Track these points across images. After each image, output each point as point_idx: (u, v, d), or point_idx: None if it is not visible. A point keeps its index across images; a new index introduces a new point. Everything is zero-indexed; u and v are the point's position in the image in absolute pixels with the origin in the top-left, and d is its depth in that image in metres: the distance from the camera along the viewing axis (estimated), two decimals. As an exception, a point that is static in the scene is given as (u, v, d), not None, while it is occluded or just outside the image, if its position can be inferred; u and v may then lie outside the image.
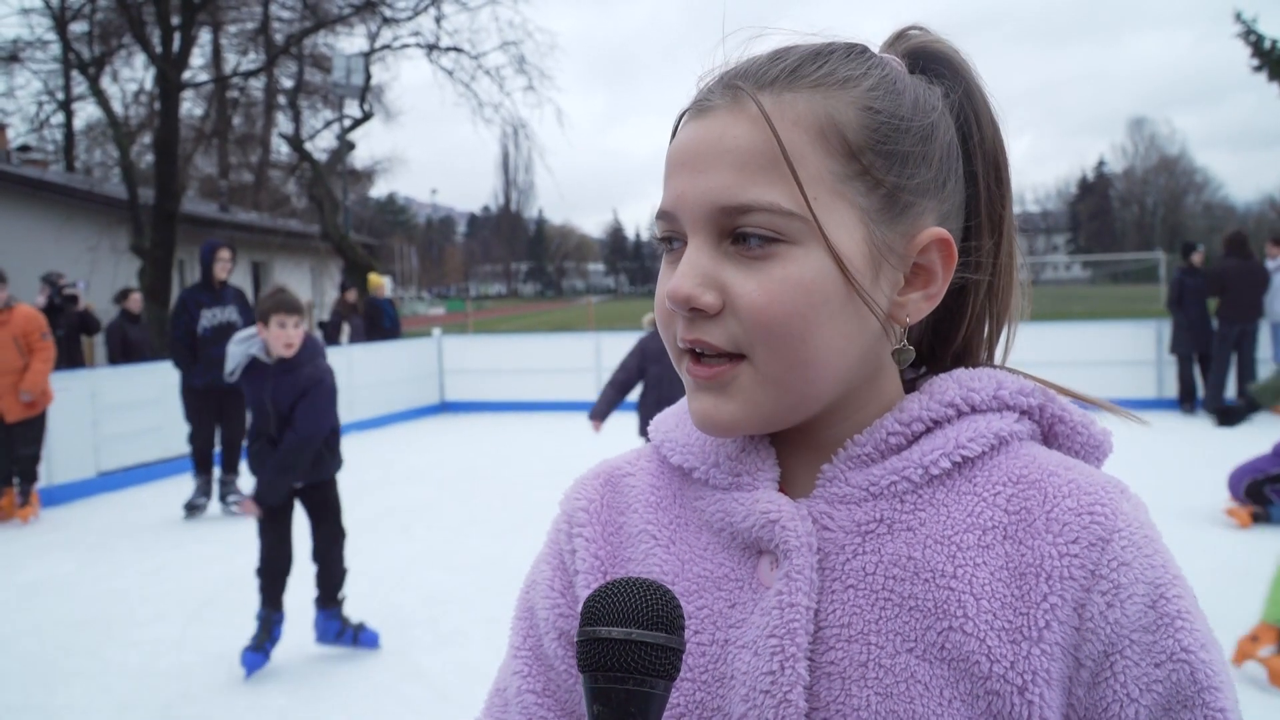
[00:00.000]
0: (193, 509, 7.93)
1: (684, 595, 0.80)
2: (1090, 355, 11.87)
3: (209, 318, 7.82)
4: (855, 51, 0.77)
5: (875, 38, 0.83)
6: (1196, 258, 11.42)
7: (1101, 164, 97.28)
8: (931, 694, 0.70)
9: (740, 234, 0.72)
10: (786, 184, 0.71)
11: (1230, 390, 11.11)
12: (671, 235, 0.78)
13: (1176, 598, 0.70)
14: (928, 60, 0.82)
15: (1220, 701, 0.70)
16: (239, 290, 8.25)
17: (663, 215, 0.78)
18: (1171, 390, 11.88)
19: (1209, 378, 11.20)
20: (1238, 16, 16.80)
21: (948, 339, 0.85)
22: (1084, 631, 0.69)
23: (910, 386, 0.84)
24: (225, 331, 7.41)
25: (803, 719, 0.72)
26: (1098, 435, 0.81)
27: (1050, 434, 0.81)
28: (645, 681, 0.64)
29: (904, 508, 0.75)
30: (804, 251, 0.72)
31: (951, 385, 0.79)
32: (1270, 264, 10.94)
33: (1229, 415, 10.87)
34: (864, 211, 0.74)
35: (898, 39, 0.83)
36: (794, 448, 0.82)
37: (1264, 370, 11.22)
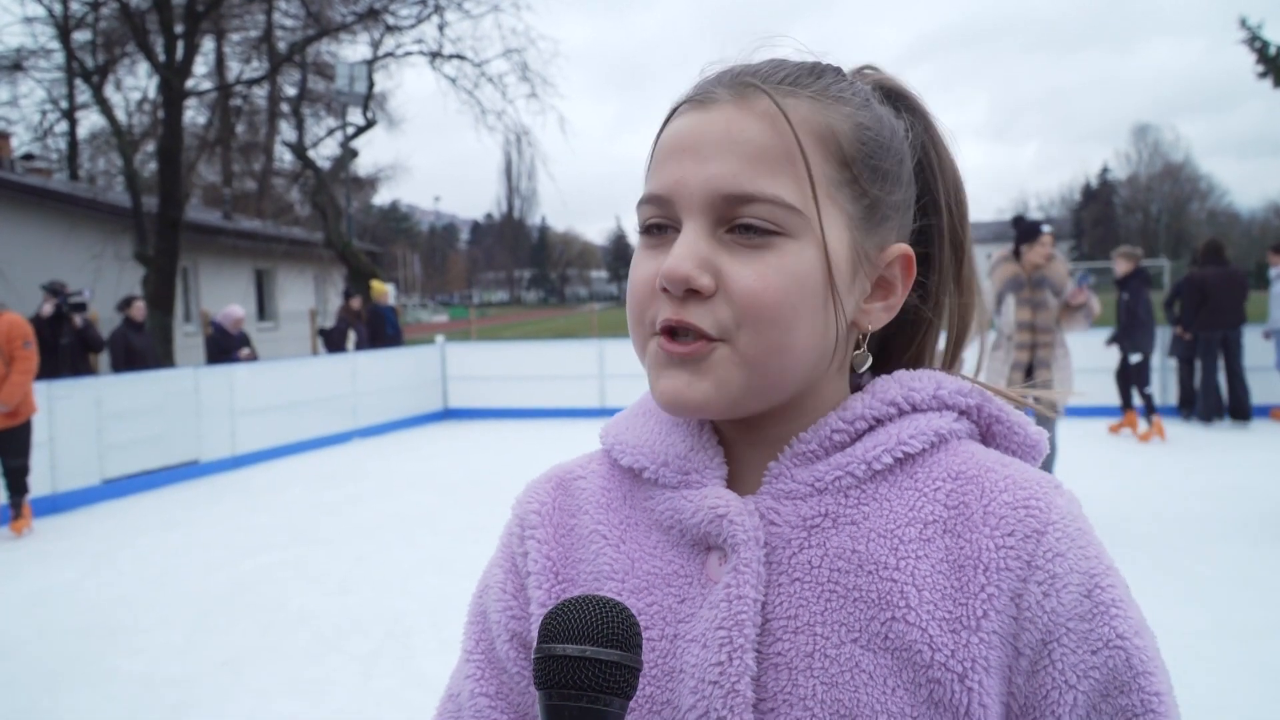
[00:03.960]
0: None
1: (634, 592, 0.82)
2: (1093, 362, 11.85)
3: None
4: (840, 74, 0.82)
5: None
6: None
7: (1105, 171, 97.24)
8: (876, 683, 0.72)
9: (740, 224, 0.74)
10: (793, 179, 0.74)
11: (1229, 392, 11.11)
12: (660, 221, 0.79)
13: (1110, 587, 0.73)
14: (888, 95, 0.86)
15: (1155, 685, 0.72)
16: None
17: (653, 200, 0.79)
18: (1173, 396, 11.87)
19: (1200, 384, 11.19)
20: (1243, 23, 16.83)
21: (897, 355, 0.90)
22: (1022, 621, 0.72)
23: (855, 390, 0.87)
24: None
25: (750, 709, 0.73)
26: (1033, 435, 0.84)
27: (988, 433, 0.84)
28: (600, 699, 0.64)
29: (848, 502, 0.78)
30: (799, 246, 0.75)
31: (893, 385, 0.82)
32: (1273, 272, 10.93)
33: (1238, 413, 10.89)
34: (850, 218, 0.78)
35: (857, 74, 0.87)
36: (741, 446, 0.84)
37: (1257, 379, 11.22)
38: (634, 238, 0.85)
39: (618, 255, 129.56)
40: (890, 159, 0.80)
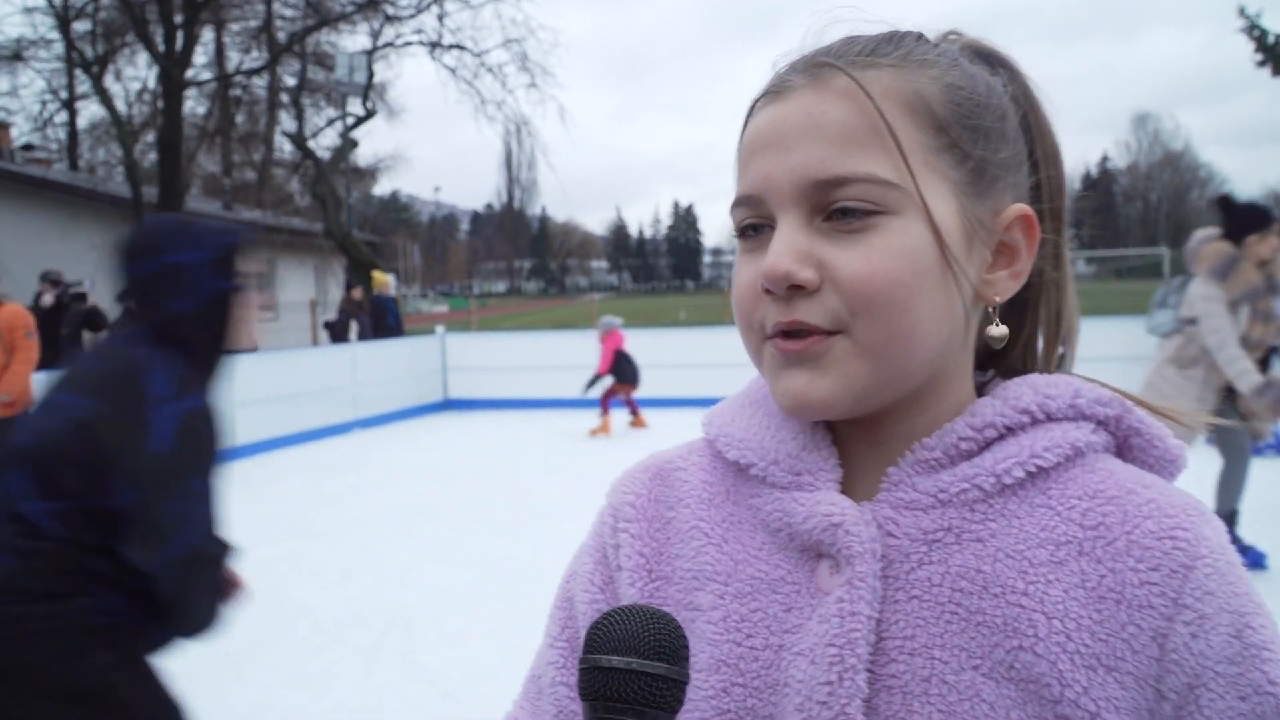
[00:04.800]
0: None
1: (737, 596, 0.78)
2: (1095, 351, 11.79)
3: None
4: (923, 38, 0.77)
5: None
6: None
7: (1106, 160, 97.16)
8: (997, 714, 0.68)
9: (837, 209, 0.70)
10: (884, 154, 0.70)
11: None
12: (755, 221, 0.75)
13: (1261, 628, 0.68)
14: (980, 55, 0.81)
15: None
16: None
17: (744, 201, 0.75)
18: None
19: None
20: (1241, 11, 16.78)
21: (1010, 340, 0.82)
22: (1166, 663, 0.67)
23: (977, 391, 0.81)
24: None
25: None
26: (1173, 450, 0.78)
27: (1124, 446, 0.78)
28: (645, 713, 0.62)
29: (973, 517, 0.73)
30: (904, 222, 0.70)
31: (1026, 391, 0.76)
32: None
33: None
34: (955, 184, 0.73)
35: (942, 40, 0.82)
36: (858, 446, 0.79)
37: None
38: (633, 228, 0.81)
39: (618, 245, 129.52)
40: (990, 116, 0.75)
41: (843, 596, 0.72)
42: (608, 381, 11.47)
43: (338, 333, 14.27)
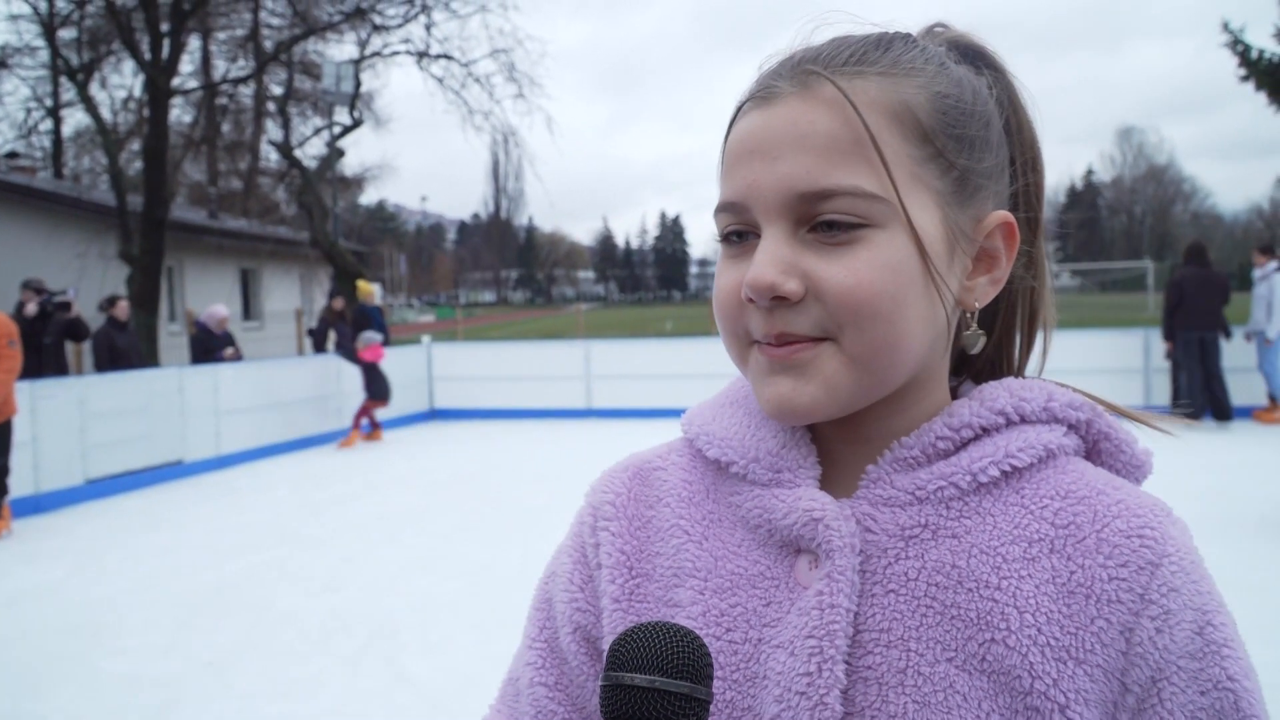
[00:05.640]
0: None
1: (717, 592, 0.79)
2: (1078, 363, 11.91)
3: None
4: (911, 41, 0.78)
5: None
6: None
7: (1090, 173, 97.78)
8: (969, 705, 0.69)
9: (823, 221, 0.71)
10: (869, 167, 0.70)
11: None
12: (739, 228, 0.75)
13: (1222, 625, 0.70)
14: (966, 53, 0.81)
15: None
16: None
17: (728, 208, 0.75)
18: (1158, 398, 11.93)
19: (1182, 385, 11.24)
20: (1225, 26, 16.93)
21: (985, 344, 0.84)
22: (1132, 656, 0.69)
23: (952, 394, 0.83)
24: None
25: None
26: (1140, 455, 0.80)
27: (1094, 450, 0.80)
28: None
29: (949, 514, 0.74)
30: (888, 235, 0.71)
31: (1002, 393, 0.78)
32: (1256, 273, 11.01)
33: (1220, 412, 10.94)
34: (939, 194, 0.73)
35: (928, 34, 0.83)
36: (837, 444, 0.80)
37: (1241, 379, 11.28)
38: (620, 239, 0.82)
39: (604, 256, 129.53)
40: (975, 124, 0.75)
41: (822, 590, 0.73)
42: (375, 338, 12.04)
43: (319, 341, 14.24)
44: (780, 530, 0.77)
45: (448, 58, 21.92)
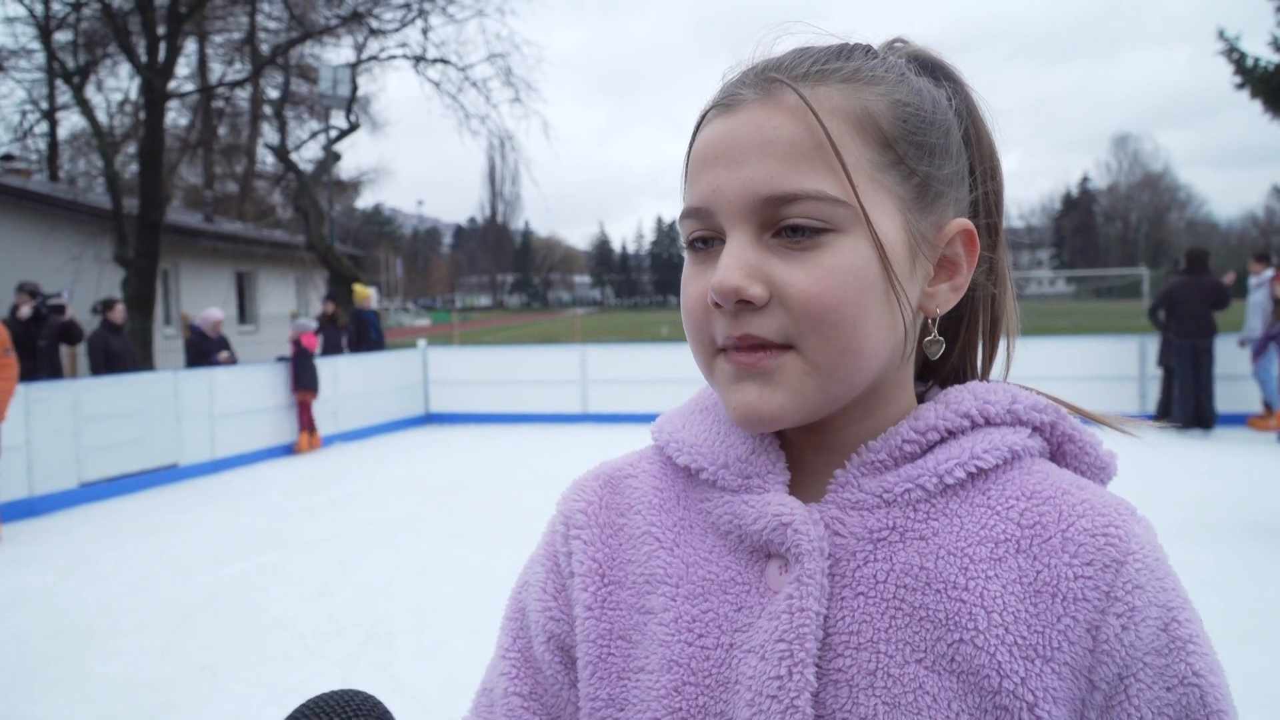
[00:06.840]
0: None
1: (689, 598, 0.79)
2: (1073, 370, 11.95)
3: None
4: (871, 52, 0.79)
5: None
6: None
7: (1086, 180, 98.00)
8: (939, 706, 0.70)
9: (787, 226, 0.72)
10: (831, 172, 0.71)
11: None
12: (704, 234, 0.76)
13: (1187, 621, 0.71)
14: (925, 66, 0.83)
15: None
16: None
17: (693, 213, 0.76)
18: (1155, 405, 11.95)
19: (1176, 391, 11.27)
20: (1221, 34, 16.98)
21: (947, 350, 0.85)
22: (1098, 654, 0.70)
23: (917, 399, 0.84)
24: None
25: None
26: (1104, 456, 0.82)
27: (1059, 452, 0.81)
28: None
29: (916, 516, 0.75)
30: (850, 240, 0.72)
31: (967, 396, 0.79)
32: (1252, 280, 11.04)
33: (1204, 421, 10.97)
34: (900, 200, 0.74)
35: (888, 48, 0.84)
36: (805, 451, 0.81)
37: (1234, 386, 11.31)
38: (616, 244, 0.83)
39: (601, 260, 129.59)
40: (935, 132, 0.77)
41: (792, 594, 0.74)
42: (308, 325, 12.20)
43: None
44: (750, 535, 0.78)
45: (444, 62, 21.93)
